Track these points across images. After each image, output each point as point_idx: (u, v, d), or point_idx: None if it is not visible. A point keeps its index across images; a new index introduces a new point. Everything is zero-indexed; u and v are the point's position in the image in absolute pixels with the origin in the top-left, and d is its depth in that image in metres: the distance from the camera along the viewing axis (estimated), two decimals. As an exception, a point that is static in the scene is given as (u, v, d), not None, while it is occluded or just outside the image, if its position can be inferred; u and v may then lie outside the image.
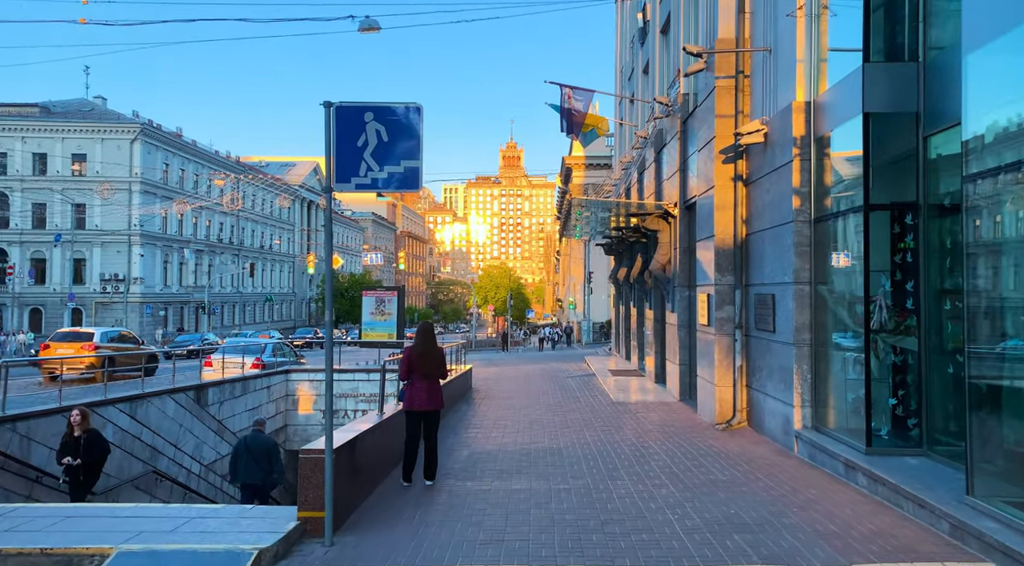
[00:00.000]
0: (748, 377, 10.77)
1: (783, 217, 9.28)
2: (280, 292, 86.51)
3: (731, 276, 11.03)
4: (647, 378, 17.99)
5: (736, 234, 10.92)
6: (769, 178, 9.83)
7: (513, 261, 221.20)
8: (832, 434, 8.33)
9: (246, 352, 17.83)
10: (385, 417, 8.16)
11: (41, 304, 57.49)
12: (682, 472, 8.04)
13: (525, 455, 9.12)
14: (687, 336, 14.04)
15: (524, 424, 11.70)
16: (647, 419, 11.96)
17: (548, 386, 17.96)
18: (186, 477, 12.40)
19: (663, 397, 14.62)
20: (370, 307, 24.90)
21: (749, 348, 10.74)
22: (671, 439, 10.10)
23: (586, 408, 13.53)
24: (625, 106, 23.88)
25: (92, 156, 57.72)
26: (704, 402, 11.82)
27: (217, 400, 13.64)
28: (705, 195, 11.74)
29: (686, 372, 14.02)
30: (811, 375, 8.84)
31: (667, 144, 15.49)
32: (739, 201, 10.91)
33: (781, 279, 9.35)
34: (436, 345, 7.78)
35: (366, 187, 5.62)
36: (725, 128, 11.06)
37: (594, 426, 11.38)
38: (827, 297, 8.80)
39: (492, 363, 29.48)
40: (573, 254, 67.71)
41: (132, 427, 10.81)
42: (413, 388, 7.57)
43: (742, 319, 10.85)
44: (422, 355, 7.59)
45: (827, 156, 8.86)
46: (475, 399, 15.43)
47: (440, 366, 7.69)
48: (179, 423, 12.24)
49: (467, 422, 12.08)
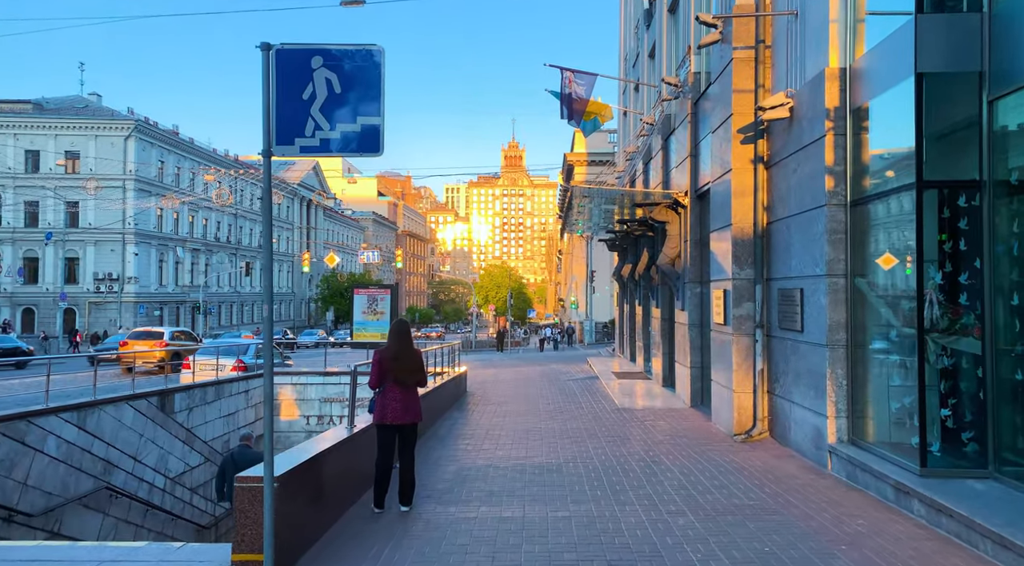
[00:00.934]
0: (770, 382, 9.64)
1: (813, 201, 8.15)
2: (279, 292, 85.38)
3: (750, 269, 9.90)
4: (654, 381, 16.85)
5: (756, 222, 9.78)
6: (795, 158, 8.70)
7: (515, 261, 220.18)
8: (874, 450, 7.19)
9: (227, 353, 16.76)
10: (356, 430, 7.04)
11: (34, 304, 56.49)
12: (701, 494, 6.91)
13: (519, 472, 8.00)
14: (698, 336, 12.91)
15: (520, 434, 10.57)
16: (656, 428, 10.83)
17: (548, 390, 16.83)
18: (148, 492, 11.28)
19: (672, 403, 13.49)
20: (362, 306, 23.75)
21: (771, 350, 9.60)
22: (685, 452, 8.97)
23: (588, 415, 12.40)
24: (630, 94, 22.74)
25: (85, 153, 56.71)
26: (719, 409, 10.69)
27: (185, 406, 12.51)
28: (720, 180, 10.61)
29: (697, 376, 12.89)
30: (847, 381, 7.70)
31: (676, 129, 14.36)
32: (759, 186, 9.78)
33: (811, 271, 8.22)
34: (413, 347, 6.65)
35: (313, 150, 4.51)
36: (743, 105, 9.93)
37: (597, 436, 10.25)
38: (866, 291, 7.66)
39: (490, 365, 28.35)
40: (575, 252, 66.61)
41: (81, 439, 9.70)
42: (386, 397, 6.45)
43: (763, 317, 9.71)
44: (396, 358, 6.47)
45: (865, 130, 7.72)
46: (469, 404, 14.31)
47: (417, 371, 6.57)
48: (139, 433, 11.12)
49: (457, 432, 10.96)
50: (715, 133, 10.97)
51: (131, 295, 56.62)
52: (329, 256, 52.51)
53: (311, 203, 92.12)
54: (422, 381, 6.66)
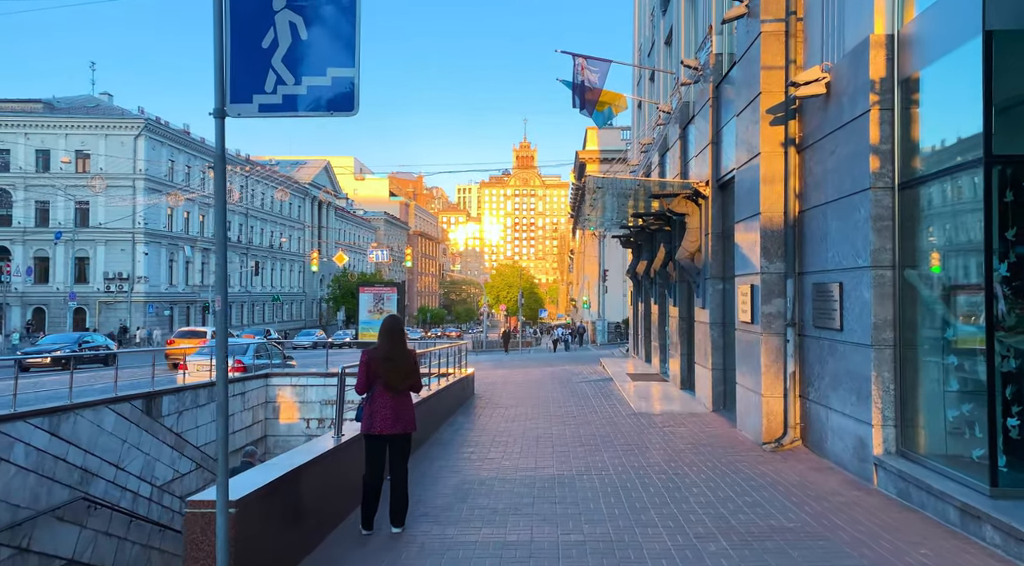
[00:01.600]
0: (803, 386, 8.80)
1: (855, 184, 7.31)
2: (290, 292, 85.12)
3: (780, 263, 9.06)
4: (671, 384, 16.00)
5: (787, 211, 8.94)
6: (833, 138, 7.86)
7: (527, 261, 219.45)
8: (929, 464, 6.35)
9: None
10: (344, 440, 6.29)
11: (44, 303, 56.36)
12: (732, 514, 6.10)
13: (528, 485, 7.21)
14: (720, 336, 12.08)
15: (529, 441, 9.78)
16: (677, 435, 10.01)
17: (559, 393, 16.03)
18: (132, 501, 10.59)
19: (692, 407, 12.65)
20: (368, 304, 23.13)
21: (804, 350, 8.76)
22: (710, 463, 8.15)
23: (603, 420, 11.60)
24: (644, 85, 21.89)
25: (96, 153, 56.50)
26: (746, 415, 9.85)
27: (174, 410, 11.83)
28: (746, 166, 9.77)
29: (720, 378, 12.05)
30: (895, 385, 6.86)
31: (695, 116, 13.52)
32: (791, 171, 8.93)
33: (852, 263, 7.38)
34: (406, 347, 5.88)
35: (276, 109, 3.75)
36: (773, 83, 9.09)
37: (613, 444, 9.45)
38: (918, 284, 6.81)
39: (500, 365, 27.59)
40: (587, 251, 65.73)
41: (53, 446, 9.00)
42: (374, 404, 5.68)
43: (795, 315, 8.87)
44: (387, 360, 5.70)
45: (915, 103, 6.88)
46: (476, 408, 13.53)
47: (411, 374, 5.80)
48: (122, 439, 10.43)
49: (462, 438, 10.19)
50: (740, 116, 10.14)
51: (141, 295, 56.34)
52: (338, 255, 51.95)
53: (322, 202, 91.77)
54: (416, 386, 5.90)
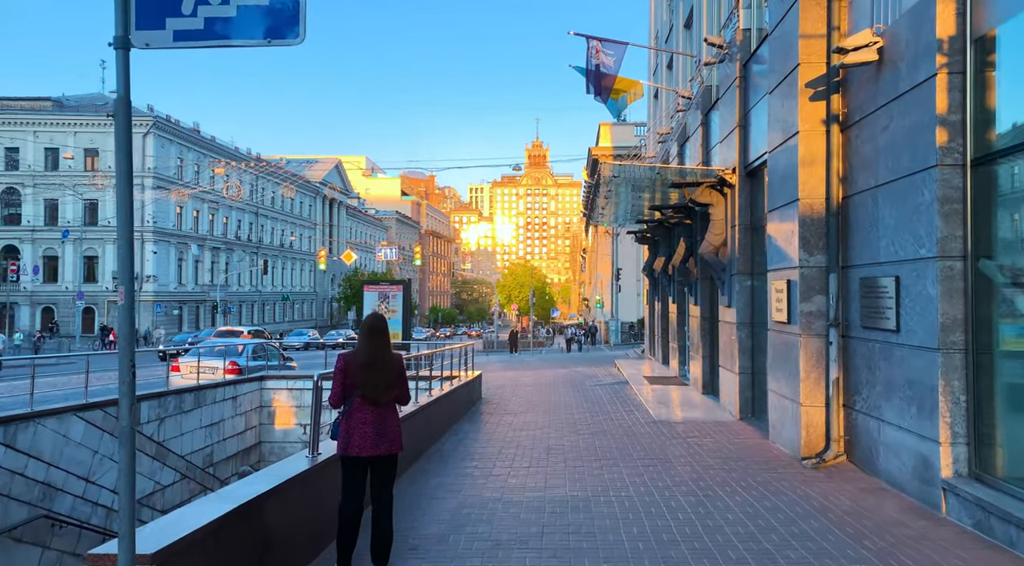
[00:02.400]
0: (848, 394, 7.79)
1: (915, 162, 6.30)
2: (301, 291, 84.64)
3: (822, 255, 8.05)
4: (692, 388, 14.99)
5: (830, 196, 7.93)
6: (887, 111, 6.85)
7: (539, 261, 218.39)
8: (1015, 491, 5.33)
9: (219, 354, 15.26)
10: (320, 461, 5.37)
11: (53, 302, 56.06)
12: (779, 550, 5.12)
13: (536, 510, 6.26)
14: (748, 337, 11.07)
15: (539, 453, 8.83)
16: (703, 447, 9.01)
17: (571, 397, 15.05)
18: (105, 518, 9.71)
19: (716, 414, 11.65)
20: (372, 303, 22.19)
21: (849, 354, 7.75)
22: (744, 482, 7.16)
23: (620, 429, 10.62)
24: (662, 72, 20.87)
25: (104, 150, 56.12)
26: (780, 425, 8.85)
27: (155, 416, 10.97)
28: (781, 148, 8.76)
29: (747, 383, 11.05)
30: (967, 396, 5.85)
31: (719, 100, 12.51)
32: (834, 151, 7.92)
33: (912, 254, 6.37)
34: (390, 351, 4.94)
35: (196, 37, 2.83)
36: (813, 52, 8.09)
37: (632, 457, 8.47)
38: (995, 278, 5.79)
39: (510, 367, 26.65)
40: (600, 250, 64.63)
41: (9, 459, 8.13)
42: (352, 420, 4.76)
43: (839, 313, 7.86)
44: (368, 366, 4.78)
45: (991, 65, 5.86)
46: (483, 414, 12.60)
47: (396, 384, 4.87)
48: (92, 449, 9.56)
49: (465, 449, 9.25)
50: (773, 93, 9.13)
51: (150, 294, 55.88)
52: (346, 253, 51.17)
53: (333, 201, 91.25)
54: (403, 397, 4.96)
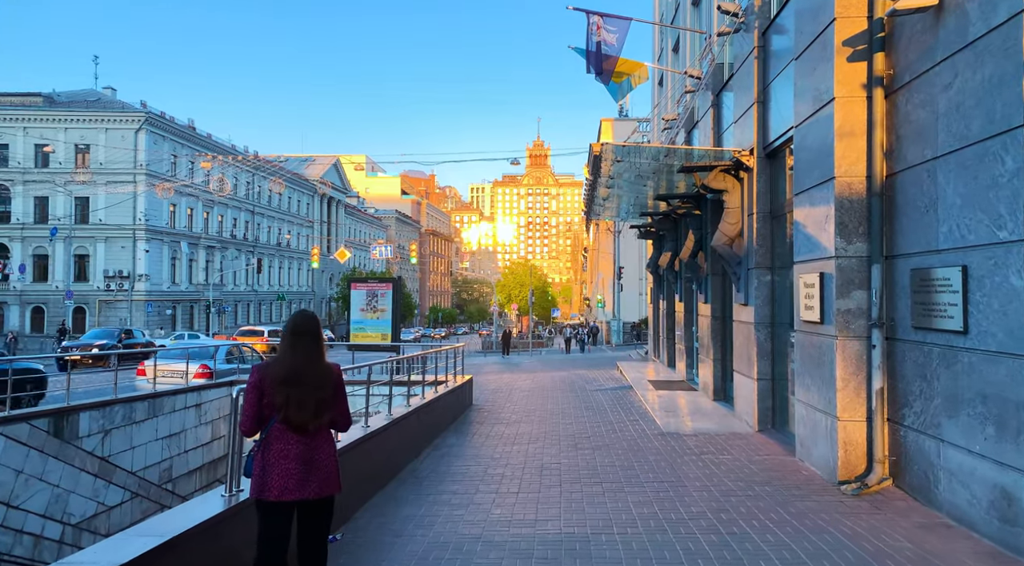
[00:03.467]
0: (895, 407, 6.58)
1: (990, 125, 5.10)
2: (299, 291, 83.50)
3: (863, 243, 6.85)
4: (702, 394, 13.78)
5: (872, 173, 6.73)
6: (950, 65, 5.64)
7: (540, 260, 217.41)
8: None
9: (190, 357, 14.05)
10: (236, 503, 4.16)
11: (44, 302, 54.88)
12: (835, 620, 3.91)
13: (523, 555, 5.06)
14: (768, 338, 9.86)
15: (531, 475, 7.63)
16: (720, 466, 7.81)
17: (570, 404, 13.84)
18: (33, 548, 8.46)
19: (731, 424, 10.44)
20: (360, 302, 20.85)
21: (897, 359, 6.55)
22: (775, 513, 5.95)
23: (624, 443, 9.42)
24: (668, 56, 19.66)
25: (96, 146, 54.94)
26: (810, 441, 7.64)
27: (97, 429, 9.71)
28: (812, 120, 7.56)
29: (767, 390, 9.84)
30: (1063, 415, 4.64)
31: (734, 75, 11.30)
32: (877, 121, 6.71)
33: (986, 238, 5.17)
34: (322, 359, 3.73)
35: None
36: (851, 5, 6.88)
37: (640, 480, 7.27)
38: (1104, 266, 4.59)
39: (506, 369, 25.43)
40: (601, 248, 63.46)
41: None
42: (270, 453, 3.56)
43: (883, 311, 6.66)
44: (291, 382, 3.58)
45: (1094, -2, 4.66)
46: (472, 423, 11.40)
47: (331, 404, 3.67)
48: (16, 469, 8.31)
49: (445, 469, 8.05)
50: (801, 58, 7.92)
51: (142, 293, 54.75)
52: (340, 251, 49.95)
53: (331, 200, 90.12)
54: (340, 421, 3.77)
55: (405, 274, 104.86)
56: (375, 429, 7.04)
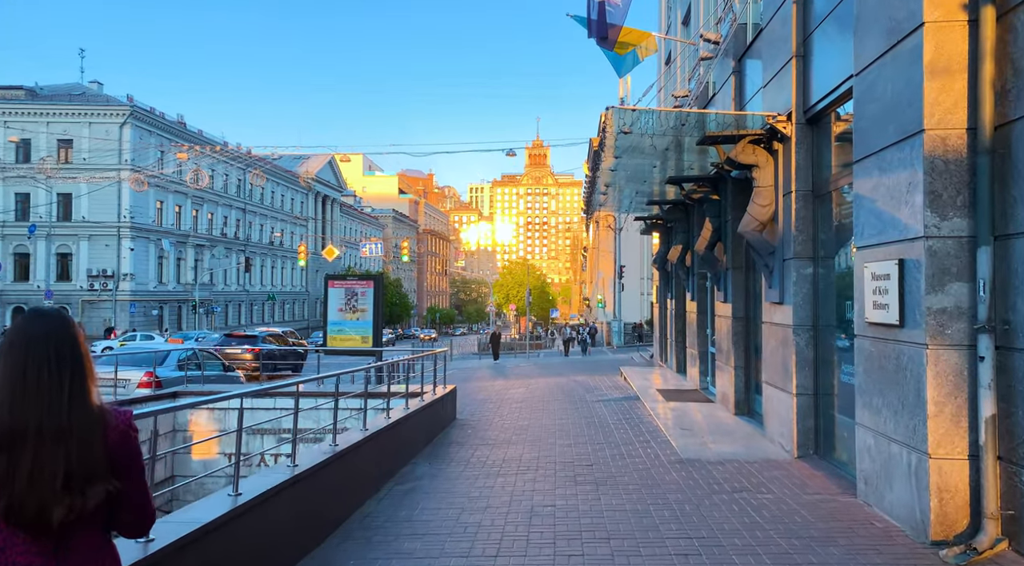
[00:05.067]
0: (1010, 442, 4.81)
1: None
2: (292, 291, 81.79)
3: (963, 218, 5.07)
4: (720, 406, 12.00)
5: (979, 124, 4.95)
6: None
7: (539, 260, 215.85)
8: None
9: (136, 363, 12.29)
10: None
11: (24, 302, 53.01)
12: None
13: None
14: (810, 345, 8.08)
15: (516, 526, 5.83)
16: (763, 511, 6.02)
17: (569, 419, 12.03)
18: None
19: (762, 447, 8.66)
20: (338, 302, 19.02)
21: (1014, 376, 4.77)
22: (857, 599, 4.17)
23: (635, 474, 7.62)
24: (676, 29, 17.90)
25: (79, 142, 53.14)
26: (883, 481, 5.85)
27: None
28: (886, 59, 5.77)
29: (809, 408, 8.05)
30: None
31: (764, 29, 9.51)
32: (985, 52, 4.93)
33: None
34: (87, 397, 1.93)
35: None
36: (947, -102, 5.11)
37: (660, 536, 5.48)
38: None
39: (499, 375, 23.62)
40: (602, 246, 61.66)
41: None
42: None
43: (993, 312, 4.88)
44: (13, 439, 1.78)
45: None
46: (451, 445, 9.60)
47: (104, 473, 1.86)
48: None
49: (406, 515, 6.26)
50: (864, -14, 6.14)
51: (127, 293, 52.95)
52: (328, 249, 48.05)
53: (326, 198, 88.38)
54: (128, 513, 1.96)
55: (402, 274, 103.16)
56: (305, 469, 5.27)
